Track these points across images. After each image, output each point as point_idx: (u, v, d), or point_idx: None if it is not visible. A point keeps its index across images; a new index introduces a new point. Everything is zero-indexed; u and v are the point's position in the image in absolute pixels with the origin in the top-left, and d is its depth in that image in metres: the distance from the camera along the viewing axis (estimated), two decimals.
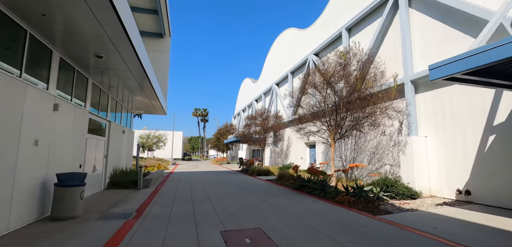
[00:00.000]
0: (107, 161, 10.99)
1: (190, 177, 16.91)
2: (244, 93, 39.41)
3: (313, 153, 18.08)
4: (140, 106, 15.34)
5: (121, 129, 13.34)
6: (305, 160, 18.78)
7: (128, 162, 15.20)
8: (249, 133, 21.81)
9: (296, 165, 12.20)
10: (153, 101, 13.93)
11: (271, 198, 9.06)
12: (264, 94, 28.49)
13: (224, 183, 13.59)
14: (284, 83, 23.24)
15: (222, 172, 21.22)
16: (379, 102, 10.03)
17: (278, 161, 23.60)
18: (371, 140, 11.99)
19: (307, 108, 12.55)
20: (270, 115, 21.74)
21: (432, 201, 8.19)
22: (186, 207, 7.58)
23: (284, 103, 22.42)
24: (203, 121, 77.34)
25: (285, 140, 21.80)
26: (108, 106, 11.11)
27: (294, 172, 13.95)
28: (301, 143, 19.21)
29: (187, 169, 24.98)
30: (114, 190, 10.79)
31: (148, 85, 10.55)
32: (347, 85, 10.22)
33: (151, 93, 11.99)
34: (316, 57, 17.23)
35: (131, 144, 16.19)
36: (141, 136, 37.58)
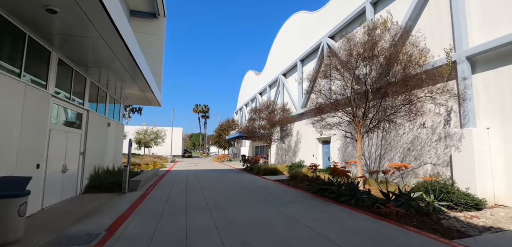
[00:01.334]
0: (84, 159, 9.00)
1: (188, 176, 14.93)
2: (247, 86, 37.32)
3: (327, 149, 16.02)
4: (131, 96, 13.32)
5: (106, 121, 11.33)
6: (317, 157, 16.73)
7: (116, 160, 13.21)
8: (254, 128, 19.78)
9: (313, 164, 10.15)
10: (145, 91, 11.91)
11: (287, 206, 7.04)
12: (269, 86, 26.40)
13: (227, 184, 11.57)
14: (292, 72, 21.13)
15: (224, 171, 19.22)
16: (423, 85, 7.94)
17: (285, 159, 21.58)
18: (405, 134, 9.92)
19: (328, 96, 10.47)
20: (276, 108, 19.66)
21: (506, 213, 6.13)
22: (178, 221, 5.57)
23: (292, 95, 20.36)
24: (204, 117, 75.35)
25: (294, 136, 19.75)
26: (85, 92, 9.09)
27: (310, 172, 11.92)
28: (312, 139, 17.16)
29: (186, 167, 23.01)
30: (93, 194, 8.80)
31: (135, 69, 8.53)
32: (383, 64, 8.12)
33: (139, 78, 9.97)
34: (331, 40, 15.10)
35: (120, 140, 14.19)
36: (138, 132, 35.60)
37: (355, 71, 8.86)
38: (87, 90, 9.18)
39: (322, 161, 16.56)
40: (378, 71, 8.45)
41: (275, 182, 12.26)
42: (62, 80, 7.51)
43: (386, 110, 8.46)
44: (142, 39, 14.30)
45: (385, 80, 8.14)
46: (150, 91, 12.26)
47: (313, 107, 10.99)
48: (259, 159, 19.02)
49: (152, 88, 12.01)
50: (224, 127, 38.40)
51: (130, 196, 8.59)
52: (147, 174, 12.57)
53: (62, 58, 7.28)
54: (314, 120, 11.34)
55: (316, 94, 10.39)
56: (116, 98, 12.99)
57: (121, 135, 14.19)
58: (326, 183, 9.24)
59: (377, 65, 8.35)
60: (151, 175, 13.49)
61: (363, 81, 8.85)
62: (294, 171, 13.18)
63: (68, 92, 7.84)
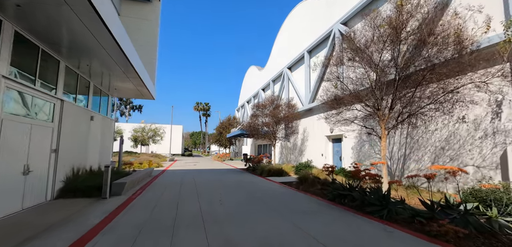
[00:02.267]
0: (57, 158, 7.54)
1: (184, 177, 13.47)
2: (249, 82, 35.82)
3: (338, 148, 14.51)
4: (121, 88, 11.87)
5: (88, 115, 9.87)
6: (326, 157, 15.22)
7: (103, 158, 11.76)
8: (257, 125, 18.28)
9: (329, 165, 8.62)
10: (136, 83, 10.47)
11: (303, 219, 5.55)
12: (272, 81, 24.88)
13: (228, 188, 10.10)
14: (298, 66, 19.60)
15: (225, 171, 17.76)
16: (468, 69, 6.42)
17: (290, 159, 20.09)
18: (438, 131, 8.40)
19: (345, 86, 8.96)
20: (281, 103, 18.14)
21: None
22: (159, 245, 4.09)
23: (298, 89, 18.83)
24: (204, 115, 74.06)
25: (300, 133, 18.24)
26: (59, 79, 7.62)
27: (323, 174, 10.44)
28: (321, 137, 15.66)
29: (184, 167, 21.56)
30: (68, 200, 7.36)
31: (120, 54, 7.09)
32: (422, 39, 6.59)
33: (126, 67, 8.52)
34: (344, 27, 13.56)
35: (109, 136, 12.73)
36: (135, 130, 34.17)
37: (382, 53, 7.33)
38: (61, 76, 7.71)
39: (332, 161, 15.05)
40: (411, 51, 6.93)
41: (282, 185, 10.76)
42: (23, 60, 6.05)
43: (420, 100, 6.95)
44: (132, 25, 12.85)
45: (424, 61, 6.62)
46: (141, 84, 10.81)
47: (326, 99, 9.48)
48: (262, 159, 17.53)
49: (143, 79, 10.55)
50: (225, 125, 36.94)
51: (110, 202, 7.13)
52: (137, 175, 11.12)
53: (20, 31, 5.80)
54: (328, 115, 9.86)
55: (334, 80, 8.86)
56: (103, 90, 11.53)
57: (110, 131, 12.74)
58: (345, 188, 7.74)
59: (412, 42, 6.82)
60: (143, 176, 12.05)
61: (391, 66, 7.34)
62: (303, 172, 11.68)
63: (32, 75, 6.38)
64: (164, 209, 6.51)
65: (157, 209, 6.49)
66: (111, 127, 12.74)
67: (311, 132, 17.10)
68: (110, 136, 12.77)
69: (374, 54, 7.54)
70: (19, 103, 6.07)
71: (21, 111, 6.10)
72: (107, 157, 12.42)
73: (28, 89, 6.20)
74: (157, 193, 8.76)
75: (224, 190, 9.58)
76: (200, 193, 8.80)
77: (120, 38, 6.76)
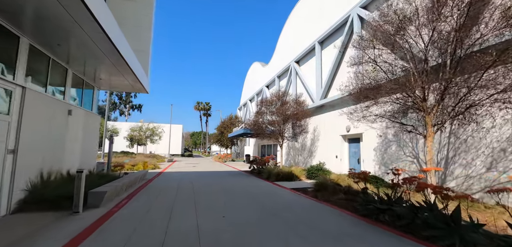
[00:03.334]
0: (16, 160, 5.90)
1: (182, 181, 11.83)
2: (251, 80, 34.17)
3: (356, 149, 12.83)
4: (108, 80, 10.26)
5: (65, 108, 8.24)
6: (342, 159, 13.54)
7: (86, 160, 10.14)
8: (262, 124, 16.61)
9: (363, 171, 6.87)
10: (124, 72, 8.87)
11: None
12: (278, 77, 23.21)
13: (232, 196, 8.44)
14: (308, 58, 17.93)
15: (227, 174, 16.11)
16: None
17: (297, 160, 18.42)
18: (495, 128, 6.72)
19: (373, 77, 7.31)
20: (288, 100, 16.45)
21: None
22: None
23: (308, 85, 17.17)
24: (205, 115, 72.54)
25: (310, 132, 16.57)
26: (19, 60, 6.00)
27: (346, 180, 8.80)
28: (335, 136, 13.99)
29: (183, 168, 19.92)
30: (28, 215, 5.73)
31: (102, 38, 5.48)
32: None
33: (112, 53, 6.90)
34: (364, 11, 11.89)
35: (95, 135, 11.10)
36: (132, 128, 32.51)
37: (435, 26, 5.66)
38: (22, 57, 6.08)
39: (349, 163, 13.37)
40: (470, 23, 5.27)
41: (296, 193, 9.10)
42: None
43: (482, 89, 5.29)
44: (121, 7, 11.22)
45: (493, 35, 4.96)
46: (130, 72, 9.19)
47: (355, 88, 7.82)
48: (269, 160, 15.87)
49: (133, 67, 8.95)
50: (227, 124, 35.30)
51: (81, 219, 5.50)
52: (127, 180, 9.49)
53: None
54: (352, 109, 8.20)
55: (371, 63, 7.19)
56: (86, 80, 9.91)
57: (96, 128, 11.10)
58: (382, 201, 6.07)
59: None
60: (134, 180, 10.44)
61: (441, 45, 5.68)
62: (320, 178, 10.03)
63: None
64: (151, 228, 4.86)
65: (142, 229, 4.85)
66: (96, 124, 11.10)
67: (322, 131, 15.43)
68: (96, 135, 11.13)
69: (413, 35, 5.87)
70: None
71: None
72: (91, 159, 10.79)
73: None
74: (147, 203, 7.12)
75: (227, 199, 7.92)
76: (199, 203, 7.14)
77: (98, 11, 5.14)
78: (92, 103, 10.66)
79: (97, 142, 11.28)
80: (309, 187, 10.54)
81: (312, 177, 13.06)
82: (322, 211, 6.54)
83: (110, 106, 72.54)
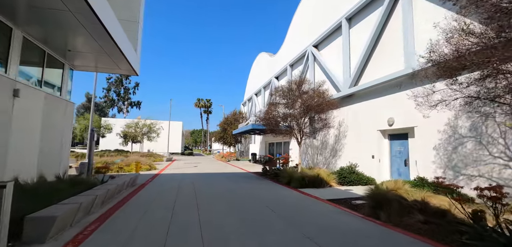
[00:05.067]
0: None
1: (181, 187, 9.18)
2: (258, 72, 31.46)
3: (402, 147, 10.17)
4: (81, 51, 7.60)
5: (8, 86, 5.56)
6: (381, 160, 10.88)
7: (49, 162, 7.48)
8: (277, 117, 13.90)
9: (497, 188, 4.18)
10: (103, 43, 6.22)
11: None
12: (290, 66, 20.51)
13: (250, 214, 5.77)
14: (330, 41, 15.24)
15: (235, 177, 13.47)
16: None
17: (316, 160, 15.77)
18: None
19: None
20: (307, 89, 13.72)
21: None
22: None
23: (331, 71, 14.48)
24: (206, 112, 70.07)
25: (334, 128, 13.89)
26: None
27: (408, 189, 6.18)
28: (370, 131, 11.33)
29: (183, 169, 17.28)
30: None
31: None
32: None
33: (85, 15, 4.25)
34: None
35: (66, 127, 8.43)
36: (128, 125, 29.79)
37: None
38: None
39: (390, 165, 10.72)
40: None
41: (342, 210, 6.46)
42: None
43: None
44: None
45: None
46: (111, 43, 6.54)
47: (438, 57, 5.13)
48: (288, 160, 13.23)
49: (116, 38, 6.30)
50: (230, 121, 32.61)
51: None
52: (107, 188, 6.87)
53: None
54: (418, 92, 5.52)
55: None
56: (50, 52, 7.23)
57: (67, 119, 8.43)
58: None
59: None
60: (119, 187, 7.83)
61: None
62: (352, 182, 7.36)
63: None
64: None
65: None
66: (69, 114, 8.42)
67: (351, 126, 12.78)
68: (68, 127, 8.45)
69: None
70: None
71: None
72: (63, 160, 8.12)
73: None
74: (124, 233, 4.46)
75: (245, 216, 5.26)
76: (205, 225, 4.47)
77: None
78: (61, 85, 7.98)
79: (69, 137, 8.59)
80: (352, 198, 7.90)
81: (345, 182, 10.42)
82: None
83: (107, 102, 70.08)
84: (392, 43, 10.45)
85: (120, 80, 71.10)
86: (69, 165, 10.45)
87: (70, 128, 8.50)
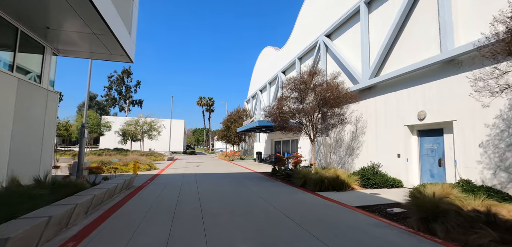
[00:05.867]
0: None
1: (182, 192, 7.99)
2: (263, 67, 30.19)
3: (436, 145, 8.88)
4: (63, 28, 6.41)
5: None
6: (410, 160, 9.60)
7: (26, 162, 6.30)
8: (289, 112, 12.65)
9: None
10: (87, 16, 5.03)
11: None
12: (299, 59, 19.24)
13: (273, 231, 4.54)
14: (345, 29, 13.95)
15: (243, 177, 12.26)
16: None
17: (330, 159, 14.51)
18: None
19: None
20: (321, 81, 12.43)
21: None
22: None
23: (347, 61, 13.20)
24: (208, 111, 68.96)
25: (351, 124, 12.62)
26: None
27: (455, 192, 4.92)
28: (396, 127, 10.06)
29: (185, 169, 16.10)
30: None
31: None
32: None
33: None
34: None
35: (47, 122, 7.24)
36: (127, 123, 28.62)
37: None
38: None
39: (419, 165, 9.44)
40: None
41: (384, 224, 5.22)
42: None
43: None
44: None
45: None
46: (102, 22, 5.35)
47: None
48: (300, 160, 11.99)
49: (103, 14, 5.10)
50: (234, 118, 31.40)
51: None
52: (92, 194, 5.70)
53: None
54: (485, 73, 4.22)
55: None
56: (25, 30, 6.05)
57: (50, 112, 7.24)
58: None
59: None
60: (109, 192, 6.66)
61: None
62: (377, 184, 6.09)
63: None
64: None
65: None
66: (51, 107, 7.23)
67: (371, 121, 11.50)
68: (49, 122, 7.24)
69: None
70: None
71: None
72: (37, 159, 6.94)
73: None
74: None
75: (271, 234, 4.04)
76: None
77: None
78: (41, 71, 6.80)
79: (52, 133, 7.38)
80: (385, 204, 6.65)
81: (369, 185, 9.16)
82: None
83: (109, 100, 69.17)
84: (423, 26, 9.15)
85: (122, 78, 70.14)
86: (57, 165, 9.30)
87: (53, 122, 7.31)
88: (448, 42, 7.90)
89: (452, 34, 7.91)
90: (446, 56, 7.87)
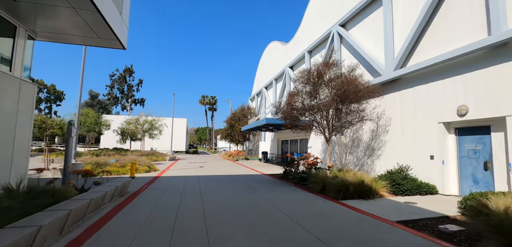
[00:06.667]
0: None
1: (184, 201, 6.81)
2: (268, 63, 28.91)
3: (481, 146, 7.57)
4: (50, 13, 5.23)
5: None
6: (446, 162, 8.30)
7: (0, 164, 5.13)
8: (301, 109, 11.39)
9: None
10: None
11: None
12: (308, 52, 17.94)
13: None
14: (363, 17, 12.64)
15: (251, 180, 11.03)
16: None
17: (346, 160, 13.24)
18: None
19: None
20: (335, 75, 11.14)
21: None
22: None
23: (367, 52, 11.92)
24: (211, 109, 67.85)
25: (372, 121, 11.32)
26: None
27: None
28: (428, 124, 8.76)
29: (188, 171, 14.91)
30: None
31: None
32: None
33: None
34: None
35: (25, 116, 6.08)
36: (127, 121, 27.50)
37: None
38: None
39: (458, 169, 8.14)
40: None
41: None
42: None
43: None
44: None
45: None
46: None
47: None
48: (317, 162, 10.74)
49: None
50: (238, 116, 30.18)
51: None
52: (68, 209, 4.52)
53: None
54: None
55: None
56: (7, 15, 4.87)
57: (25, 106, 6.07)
58: None
59: None
60: (95, 202, 5.49)
61: None
62: (409, 191, 4.84)
63: None
64: None
65: None
66: (23, 97, 6.03)
67: (396, 118, 10.22)
68: (25, 118, 6.06)
69: None
70: None
71: None
72: (8, 163, 5.76)
73: None
74: None
75: None
76: None
77: None
78: (12, 57, 5.62)
79: (28, 131, 6.19)
80: (432, 218, 5.39)
81: (400, 192, 7.89)
82: None
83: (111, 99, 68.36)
84: (463, 6, 7.84)
85: (124, 76, 69.30)
86: (42, 167, 8.16)
87: (29, 117, 6.14)
88: (502, 23, 6.59)
89: (505, 13, 6.61)
90: (498, 40, 6.58)
